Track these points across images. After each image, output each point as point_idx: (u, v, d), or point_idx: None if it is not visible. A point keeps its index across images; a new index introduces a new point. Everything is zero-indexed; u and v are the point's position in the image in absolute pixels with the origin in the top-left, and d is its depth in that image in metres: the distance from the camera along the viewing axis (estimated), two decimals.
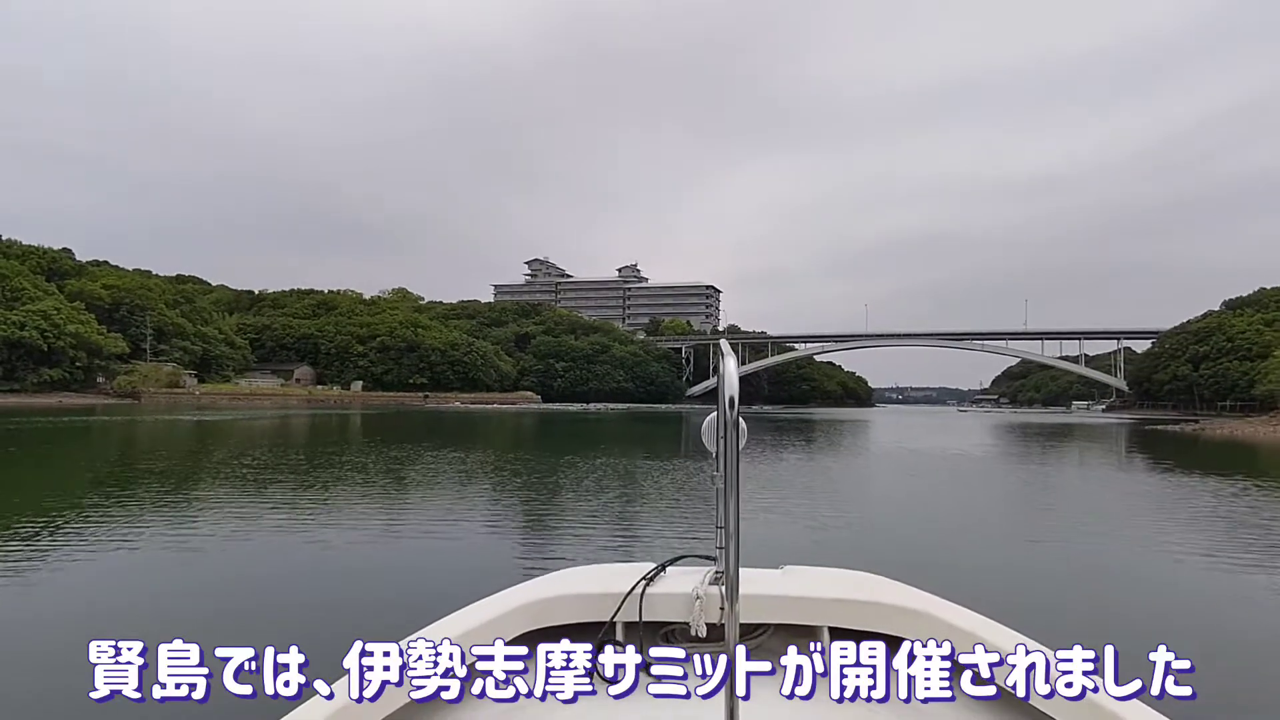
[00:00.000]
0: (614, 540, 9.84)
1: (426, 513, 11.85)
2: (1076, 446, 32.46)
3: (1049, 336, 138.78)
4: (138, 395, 77.74)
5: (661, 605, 1.90)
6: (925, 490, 16.84)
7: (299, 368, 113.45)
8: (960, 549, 9.83)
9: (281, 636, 1.55)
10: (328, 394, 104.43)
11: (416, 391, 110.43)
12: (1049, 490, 17.45)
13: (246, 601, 6.54)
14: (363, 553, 8.59)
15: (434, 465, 18.71)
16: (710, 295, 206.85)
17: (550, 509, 12.57)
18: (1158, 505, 14.12)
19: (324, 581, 7.35)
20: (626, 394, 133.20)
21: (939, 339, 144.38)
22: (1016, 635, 1.80)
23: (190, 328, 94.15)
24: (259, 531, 9.71)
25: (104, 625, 5.74)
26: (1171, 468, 22.24)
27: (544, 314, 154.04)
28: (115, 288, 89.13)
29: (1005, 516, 13.12)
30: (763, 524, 10.73)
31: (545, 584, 2.10)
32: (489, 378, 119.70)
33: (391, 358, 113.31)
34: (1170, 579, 8.46)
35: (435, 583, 7.34)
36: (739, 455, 1.36)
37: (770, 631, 2.01)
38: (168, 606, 6.42)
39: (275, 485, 14.33)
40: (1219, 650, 5.64)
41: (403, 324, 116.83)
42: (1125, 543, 10.50)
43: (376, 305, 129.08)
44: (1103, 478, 20.55)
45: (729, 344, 1.36)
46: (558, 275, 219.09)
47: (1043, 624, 2.67)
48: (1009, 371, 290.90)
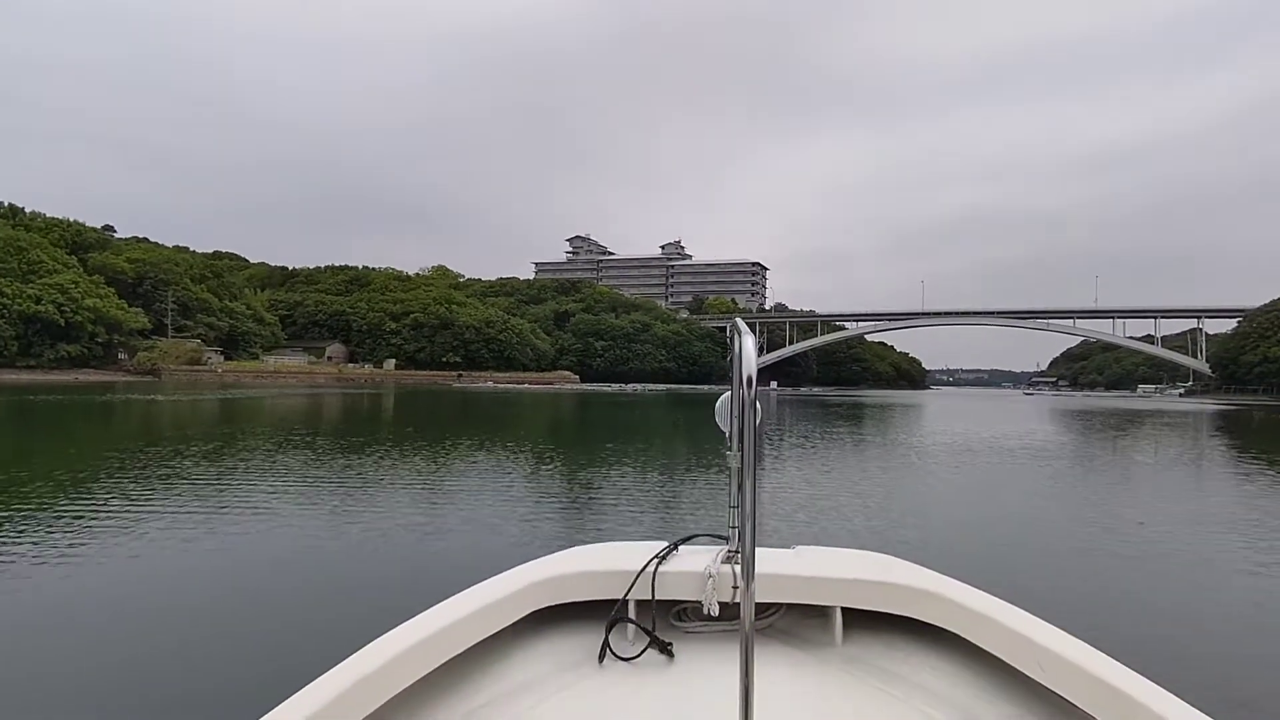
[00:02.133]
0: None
1: (428, 495, 10.12)
2: (1231, 444, 25.94)
3: (1121, 315, 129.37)
4: (158, 372, 74.86)
5: (674, 583, 1.87)
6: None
7: (331, 345, 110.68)
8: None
9: (289, 620, 1.58)
10: (359, 372, 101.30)
11: (451, 370, 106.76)
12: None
13: (250, 584, 5.78)
14: (361, 537, 7.46)
15: (409, 453, 13.94)
16: (757, 273, 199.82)
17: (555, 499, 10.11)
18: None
19: (328, 563, 6.45)
20: (668, 374, 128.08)
21: (1002, 317, 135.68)
22: (1031, 617, 1.76)
23: (216, 303, 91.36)
24: (247, 518, 8.15)
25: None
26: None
27: (584, 291, 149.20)
28: (140, 261, 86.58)
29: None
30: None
31: (557, 561, 2.02)
32: (525, 356, 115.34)
33: (425, 335, 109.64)
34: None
35: (437, 565, 6.47)
36: (756, 435, 1.36)
37: (782, 611, 2.00)
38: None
39: (255, 469, 12.03)
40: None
41: (436, 300, 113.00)
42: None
43: (411, 282, 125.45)
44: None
45: (774, 327, 1.46)
46: (599, 252, 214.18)
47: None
48: (1069, 353, 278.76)
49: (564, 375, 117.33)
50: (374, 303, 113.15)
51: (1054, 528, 8.88)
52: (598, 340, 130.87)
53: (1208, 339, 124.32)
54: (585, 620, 1.87)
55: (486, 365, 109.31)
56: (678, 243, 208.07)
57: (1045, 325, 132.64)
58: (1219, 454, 20.08)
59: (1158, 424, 34.96)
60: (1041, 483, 13.30)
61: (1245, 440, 25.62)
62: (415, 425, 24.04)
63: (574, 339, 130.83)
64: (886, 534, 7.91)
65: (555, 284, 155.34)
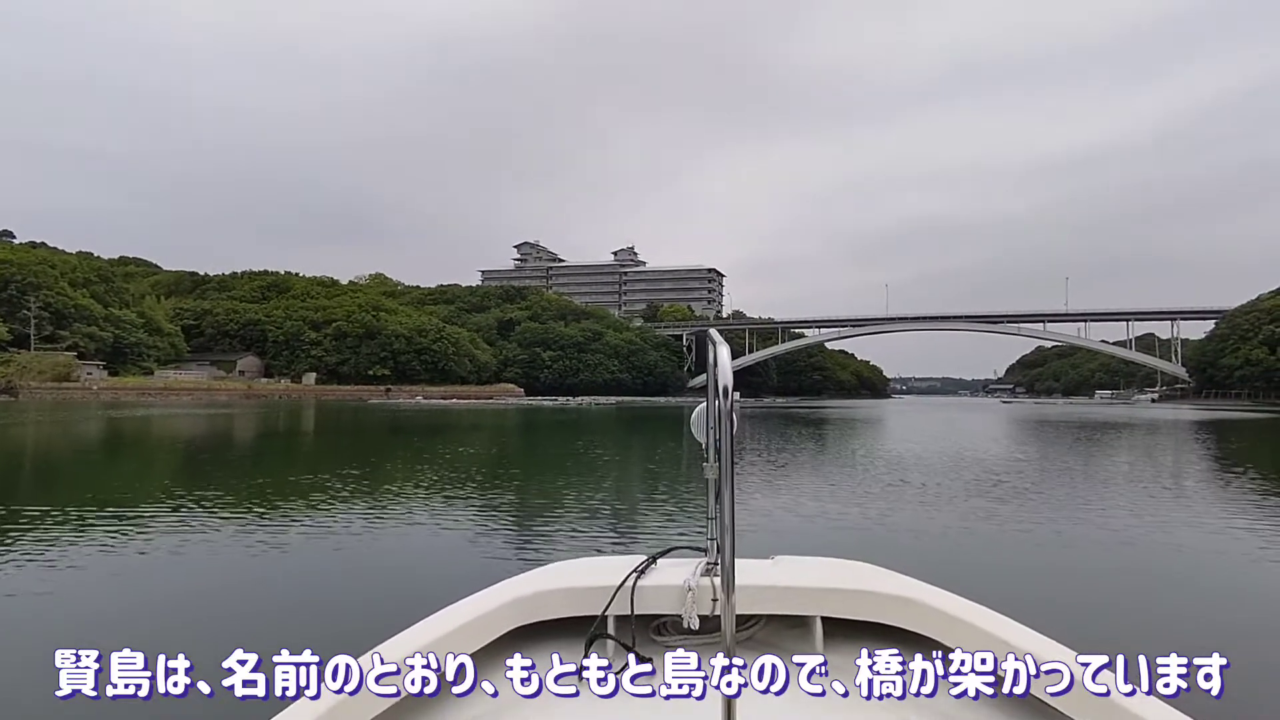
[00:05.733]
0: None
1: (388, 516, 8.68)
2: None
3: (1093, 318, 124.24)
4: (13, 391, 63.02)
5: (653, 598, 1.86)
6: None
7: (243, 358, 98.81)
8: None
9: (256, 644, 1.53)
10: (272, 388, 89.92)
11: (378, 384, 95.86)
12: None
13: (210, 611, 5.22)
14: (331, 557, 6.76)
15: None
16: (713, 279, 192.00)
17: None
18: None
19: (293, 587, 5.90)
20: (621, 386, 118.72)
21: (972, 321, 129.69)
22: (1013, 623, 1.75)
23: (100, 310, 79.31)
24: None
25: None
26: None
27: (531, 298, 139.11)
28: (5, 261, 74.36)
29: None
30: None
31: (535, 578, 2.03)
32: (463, 368, 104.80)
33: (348, 346, 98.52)
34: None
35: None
36: (733, 446, 1.35)
37: (763, 623, 1.98)
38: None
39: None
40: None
41: (362, 308, 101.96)
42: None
43: (336, 288, 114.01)
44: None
45: (732, 335, 1.45)
46: (549, 259, 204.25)
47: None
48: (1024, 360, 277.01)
49: (506, 388, 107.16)
50: (292, 310, 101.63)
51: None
52: (545, 350, 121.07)
53: (1185, 342, 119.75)
54: (564, 637, 1.84)
55: (419, 378, 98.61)
56: (631, 249, 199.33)
57: (1017, 330, 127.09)
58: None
59: (1238, 439, 26.95)
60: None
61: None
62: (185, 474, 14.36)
63: (519, 349, 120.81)
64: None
65: (500, 291, 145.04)
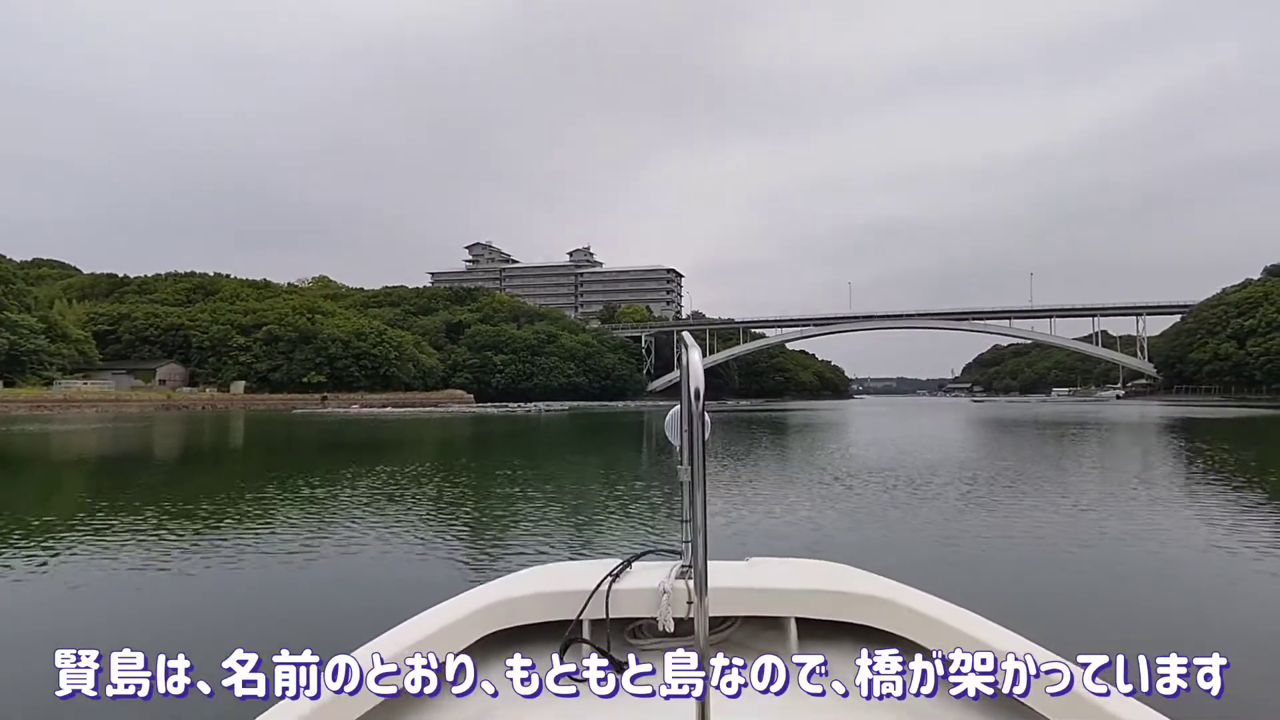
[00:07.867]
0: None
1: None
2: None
3: (1059, 313, 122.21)
4: None
5: (628, 601, 1.86)
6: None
7: (164, 366, 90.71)
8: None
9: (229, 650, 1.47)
10: (195, 397, 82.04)
11: (314, 392, 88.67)
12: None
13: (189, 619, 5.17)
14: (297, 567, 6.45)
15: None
16: (672, 280, 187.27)
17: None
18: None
19: (263, 597, 5.79)
20: (578, 390, 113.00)
21: (936, 319, 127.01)
22: (986, 622, 1.76)
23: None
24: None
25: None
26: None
27: (481, 300, 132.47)
28: None
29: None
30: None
31: (509, 584, 2.02)
32: (407, 374, 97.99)
33: (280, 351, 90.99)
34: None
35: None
36: (705, 448, 1.37)
37: (737, 624, 1.99)
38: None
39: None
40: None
41: (296, 310, 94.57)
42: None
43: (268, 290, 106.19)
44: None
45: (692, 335, 1.50)
46: (502, 260, 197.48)
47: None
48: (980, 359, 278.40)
49: (455, 394, 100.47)
50: (219, 314, 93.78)
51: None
52: (497, 354, 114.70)
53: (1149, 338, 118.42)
54: (539, 642, 1.83)
55: (358, 385, 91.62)
56: (587, 249, 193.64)
57: (983, 327, 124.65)
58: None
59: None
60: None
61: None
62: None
63: (469, 353, 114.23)
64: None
65: (449, 293, 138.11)
